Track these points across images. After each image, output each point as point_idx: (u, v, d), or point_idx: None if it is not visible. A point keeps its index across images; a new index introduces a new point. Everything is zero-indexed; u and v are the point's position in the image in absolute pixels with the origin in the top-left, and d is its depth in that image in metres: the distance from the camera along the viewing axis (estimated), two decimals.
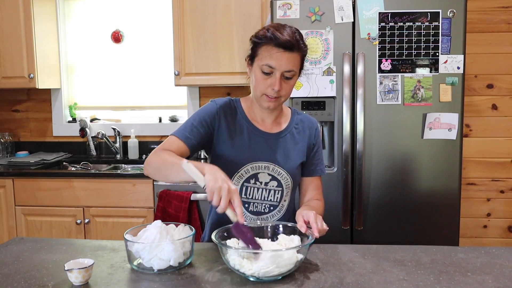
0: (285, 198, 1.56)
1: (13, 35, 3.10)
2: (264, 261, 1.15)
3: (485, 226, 3.14)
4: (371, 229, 2.41)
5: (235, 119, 1.54)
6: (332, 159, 2.45)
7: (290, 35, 1.41)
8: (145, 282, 1.20)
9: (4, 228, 2.93)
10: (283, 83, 1.43)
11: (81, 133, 3.33)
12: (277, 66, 1.41)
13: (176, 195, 2.65)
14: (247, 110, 1.57)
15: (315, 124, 1.64)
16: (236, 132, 1.53)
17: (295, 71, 1.45)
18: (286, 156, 1.54)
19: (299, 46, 1.43)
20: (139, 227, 1.35)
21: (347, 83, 2.32)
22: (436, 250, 1.41)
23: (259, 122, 1.56)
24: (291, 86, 1.47)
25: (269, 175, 1.52)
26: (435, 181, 2.38)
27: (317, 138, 1.63)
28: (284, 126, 1.58)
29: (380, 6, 2.32)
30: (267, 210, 1.55)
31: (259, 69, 1.43)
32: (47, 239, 1.54)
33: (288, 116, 1.61)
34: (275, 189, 1.54)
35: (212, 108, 1.52)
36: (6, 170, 2.97)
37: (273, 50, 1.40)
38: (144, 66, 3.47)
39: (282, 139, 1.56)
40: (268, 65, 1.41)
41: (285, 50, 1.40)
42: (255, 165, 1.51)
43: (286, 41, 1.39)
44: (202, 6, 2.93)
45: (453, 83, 2.33)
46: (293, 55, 1.42)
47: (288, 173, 1.53)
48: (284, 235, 1.33)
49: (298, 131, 1.59)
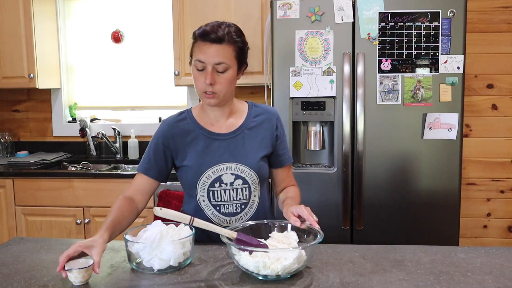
0: (254, 193, 1.56)
1: (13, 35, 3.10)
2: (288, 260, 1.17)
3: (485, 226, 3.14)
4: (371, 229, 2.41)
5: (188, 130, 1.55)
6: (332, 159, 2.45)
7: (217, 27, 1.42)
8: (145, 282, 1.20)
9: (4, 228, 2.93)
10: (216, 77, 1.43)
11: (81, 133, 3.33)
12: (205, 59, 1.42)
13: (176, 195, 2.65)
14: (199, 117, 1.57)
15: (275, 114, 1.61)
16: (191, 142, 1.54)
17: (227, 63, 1.43)
18: (247, 152, 1.54)
19: (230, 38, 1.43)
20: (139, 227, 1.35)
21: (347, 83, 2.32)
22: (436, 250, 1.41)
23: (214, 124, 1.56)
24: (227, 80, 1.45)
25: (232, 175, 1.52)
26: (435, 181, 2.37)
27: (279, 128, 1.61)
28: (240, 122, 1.57)
29: (380, 6, 2.32)
30: (239, 210, 1.55)
31: (194, 67, 1.45)
32: (47, 239, 1.54)
33: (245, 111, 1.59)
34: (241, 187, 1.53)
35: (162, 131, 1.57)
36: (6, 170, 2.97)
37: (201, 44, 1.42)
38: (144, 66, 3.47)
39: (240, 135, 1.55)
40: (198, 60, 1.43)
41: (212, 43, 1.41)
42: (216, 168, 1.51)
43: (209, 32, 1.41)
44: (202, 6, 2.93)
45: (453, 83, 2.33)
46: (223, 47, 1.42)
47: (251, 168, 1.53)
48: (276, 232, 1.35)
49: (257, 124, 1.58)
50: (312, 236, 1.30)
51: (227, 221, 1.54)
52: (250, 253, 1.19)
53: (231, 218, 1.54)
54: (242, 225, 1.40)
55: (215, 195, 1.53)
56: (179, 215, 1.26)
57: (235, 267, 1.27)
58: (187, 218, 1.26)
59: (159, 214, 1.25)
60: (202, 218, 1.50)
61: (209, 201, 1.53)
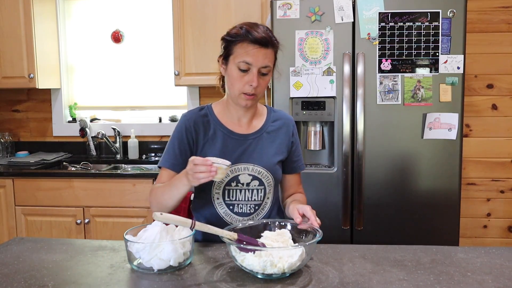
0: (268, 195, 1.58)
1: (13, 35, 3.10)
2: (294, 258, 1.18)
3: (485, 226, 3.14)
4: (371, 229, 2.41)
5: (209, 126, 1.56)
6: (332, 159, 2.45)
7: (264, 31, 1.45)
8: (145, 282, 1.20)
9: (4, 228, 2.93)
10: (259, 79, 1.45)
11: (81, 133, 3.33)
12: (254, 62, 1.43)
13: None
14: (220, 115, 1.58)
15: (292, 121, 1.66)
16: (211, 139, 1.54)
17: (271, 66, 1.48)
18: (265, 154, 1.56)
19: (273, 42, 1.47)
20: (139, 227, 1.35)
21: (347, 83, 2.32)
22: (436, 250, 1.41)
23: (235, 123, 1.57)
24: (266, 82, 1.50)
25: (249, 176, 1.53)
26: (435, 181, 2.37)
27: (294, 135, 1.65)
28: (260, 125, 1.60)
29: (380, 6, 2.32)
30: (252, 210, 1.56)
31: (236, 67, 1.45)
32: (47, 239, 1.54)
33: (264, 115, 1.63)
34: (257, 188, 1.55)
35: (184, 124, 1.55)
36: (6, 170, 2.97)
37: (249, 47, 1.43)
38: (144, 66, 3.47)
39: (259, 138, 1.58)
40: (245, 61, 1.43)
41: (261, 46, 1.43)
42: (234, 167, 1.52)
43: (262, 37, 1.43)
44: (202, 6, 2.94)
45: (453, 83, 2.33)
46: (268, 51, 1.45)
47: (268, 171, 1.55)
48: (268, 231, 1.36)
49: (275, 129, 1.61)
50: (311, 235, 1.32)
51: (239, 220, 1.54)
52: (253, 253, 1.20)
53: (243, 218, 1.55)
54: (242, 224, 1.40)
55: (230, 194, 1.53)
56: (180, 219, 1.26)
57: (235, 267, 1.27)
58: (188, 222, 1.26)
59: (159, 219, 1.24)
60: (213, 215, 1.54)
61: (223, 200, 1.54)
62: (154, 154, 3.39)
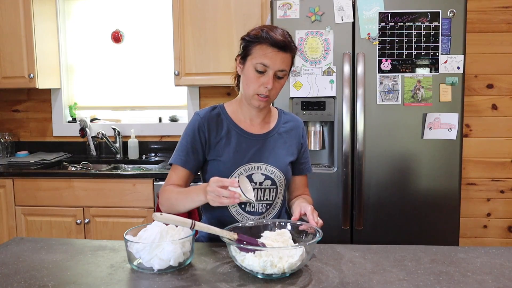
0: (279, 195, 1.59)
1: (13, 35, 3.10)
2: (294, 258, 1.18)
3: (485, 226, 3.14)
4: (371, 229, 2.41)
5: (222, 125, 1.57)
6: (332, 159, 2.45)
7: (283, 35, 1.46)
8: (145, 282, 1.20)
9: (4, 228, 2.93)
10: (275, 82, 1.47)
11: (81, 133, 3.33)
12: (271, 65, 1.44)
13: None
14: (233, 114, 1.59)
15: (302, 124, 1.69)
16: (225, 138, 1.55)
17: (287, 70, 1.49)
18: (277, 154, 1.58)
19: (291, 46, 1.47)
20: (139, 227, 1.35)
21: (347, 83, 2.32)
22: (436, 250, 1.41)
23: (248, 123, 1.59)
24: (281, 86, 1.51)
25: (262, 175, 1.55)
26: (435, 181, 2.37)
27: (304, 137, 1.68)
28: (272, 125, 1.62)
29: (380, 6, 2.32)
30: (264, 210, 1.57)
31: (253, 68, 1.46)
32: (47, 239, 1.54)
33: (276, 116, 1.65)
34: (269, 187, 1.56)
35: (197, 122, 1.55)
36: (6, 170, 2.97)
37: (268, 50, 1.44)
38: (144, 66, 3.47)
39: (271, 138, 1.59)
40: (262, 63, 1.44)
41: (279, 50, 1.44)
42: (247, 166, 1.53)
43: (281, 41, 1.43)
44: (202, 6, 2.94)
45: (453, 83, 2.33)
46: (286, 55, 1.46)
47: (280, 171, 1.56)
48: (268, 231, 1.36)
49: (285, 131, 1.63)
50: (311, 235, 1.32)
51: (251, 219, 1.54)
52: (253, 253, 1.20)
53: (255, 217, 1.55)
54: (242, 224, 1.40)
55: None
56: (180, 219, 1.26)
57: (235, 267, 1.27)
58: (188, 222, 1.26)
59: (159, 220, 1.24)
60: (223, 213, 1.55)
61: None
62: (154, 154, 3.39)
